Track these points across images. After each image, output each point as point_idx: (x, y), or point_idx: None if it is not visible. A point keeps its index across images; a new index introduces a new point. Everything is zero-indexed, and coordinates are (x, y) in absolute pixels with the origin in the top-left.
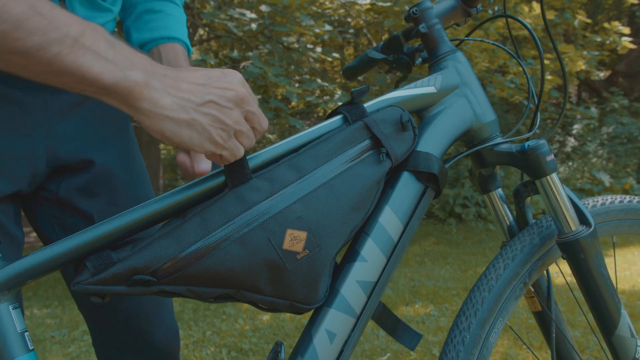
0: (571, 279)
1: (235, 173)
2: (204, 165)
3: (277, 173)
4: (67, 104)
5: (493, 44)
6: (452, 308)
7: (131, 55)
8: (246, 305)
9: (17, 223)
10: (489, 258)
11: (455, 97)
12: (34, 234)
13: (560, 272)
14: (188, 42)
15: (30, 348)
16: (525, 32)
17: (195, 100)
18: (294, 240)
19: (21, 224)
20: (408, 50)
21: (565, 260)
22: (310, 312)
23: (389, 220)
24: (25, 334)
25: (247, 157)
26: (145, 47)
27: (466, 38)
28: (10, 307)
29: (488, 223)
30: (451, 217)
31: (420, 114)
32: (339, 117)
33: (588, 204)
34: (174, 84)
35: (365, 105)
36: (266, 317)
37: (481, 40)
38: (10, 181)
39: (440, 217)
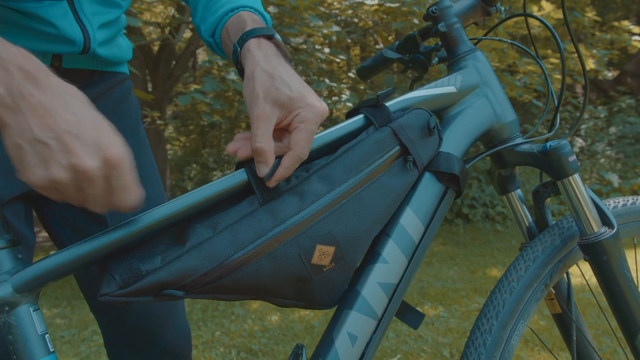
0: (581, 280)
1: (265, 188)
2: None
3: (308, 186)
4: None
5: (512, 43)
6: (462, 309)
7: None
8: (255, 306)
9: (29, 224)
10: (497, 259)
11: (475, 97)
12: (42, 234)
13: (581, 274)
14: (257, 6)
15: (51, 350)
16: (533, 32)
17: (35, 134)
18: (323, 255)
19: (32, 225)
20: (424, 49)
21: (585, 262)
22: (328, 314)
23: (410, 222)
24: (46, 336)
25: None
26: (215, 34)
27: (485, 37)
28: (31, 309)
29: (496, 224)
30: (458, 217)
31: (440, 114)
32: (360, 117)
33: (609, 204)
34: (39, 108)
35: (387, 105)
36: (275, 317)
37: (500, 40)
38: (20, 182)
39: (448, 218)
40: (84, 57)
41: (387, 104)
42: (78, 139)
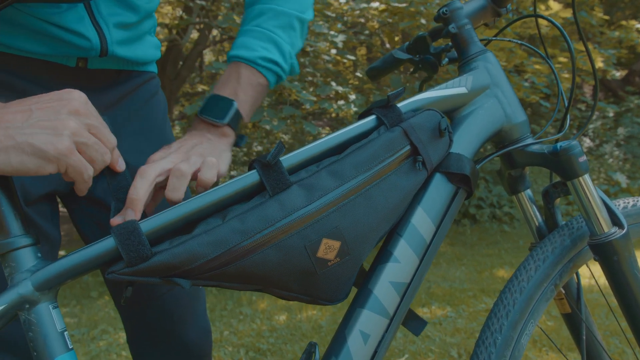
0: (589, 281)
1: (274, 180)
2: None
3: (317, 180)
4: (102, 105)
5: (522, 44)
6: (469, 309)
7: None
8: (263, 306)
9: (54, 223)
10: (504, 259)
11: (485, 98)
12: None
13: (590, 274)
14: (250, 55)
15: (70, 347)
16: (541, 32)
17: (18, 124)
18: (328, 249)
19: (58, 223)
20: (435, 50)
21: (595, 262)
22: (335, 314)
23: (422, 221)
24: (65, 333)
25: (285, 157)
26: None
27: (495, 38)
28: (51, 307)
29: (503, 224)
30: (465, 218)
31: (450, 115)
32: (372, 117)
33: (619, 205)
34: None
35: (398, 105)
36: (283, 317)
37: (510, 41)
38: (46, 182)
39: (455, 218)
40: (108, 58)
41: (399, 105)
42: (50, 100)
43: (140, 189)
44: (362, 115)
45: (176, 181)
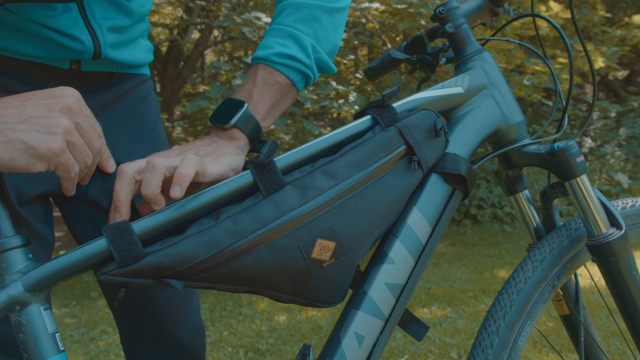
0: (590, 281)
1: (268, 180)
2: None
3: (311, 180)
4: (96, 107)
5: (520, 43)
6: (470, 310)
7: None
8: (262, 306)
9: (48, 224)
10: (505, 260)
11: (482, 98)
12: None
13: (589, 275)
14: (264, 54)
15: (61, 349)
16: (541, 32)
17: (11, 120)
18: (323, 249)
19: (52, 224)
20: (432, 50)
21: (593, 263)
22: (335, 315)
23: (417, 222)
24: (56, 335)
25: (279, 157)
26: None
27: (493, 38)
28: (42, 308)
29: (504, 225)
30: (467, 218)
31: (447, 115)
32: (367, 117)
33: (618, 205)
34: None
35: (394, 105)
36: (282, 318)
37: (508, 40)
38: (39, 182)
39: (456, 219)
40: (101, 61)
41: (395, 104)
42: (43, 97)
43: (120, 191)
44: (357, 116)
45: (148, 175)
